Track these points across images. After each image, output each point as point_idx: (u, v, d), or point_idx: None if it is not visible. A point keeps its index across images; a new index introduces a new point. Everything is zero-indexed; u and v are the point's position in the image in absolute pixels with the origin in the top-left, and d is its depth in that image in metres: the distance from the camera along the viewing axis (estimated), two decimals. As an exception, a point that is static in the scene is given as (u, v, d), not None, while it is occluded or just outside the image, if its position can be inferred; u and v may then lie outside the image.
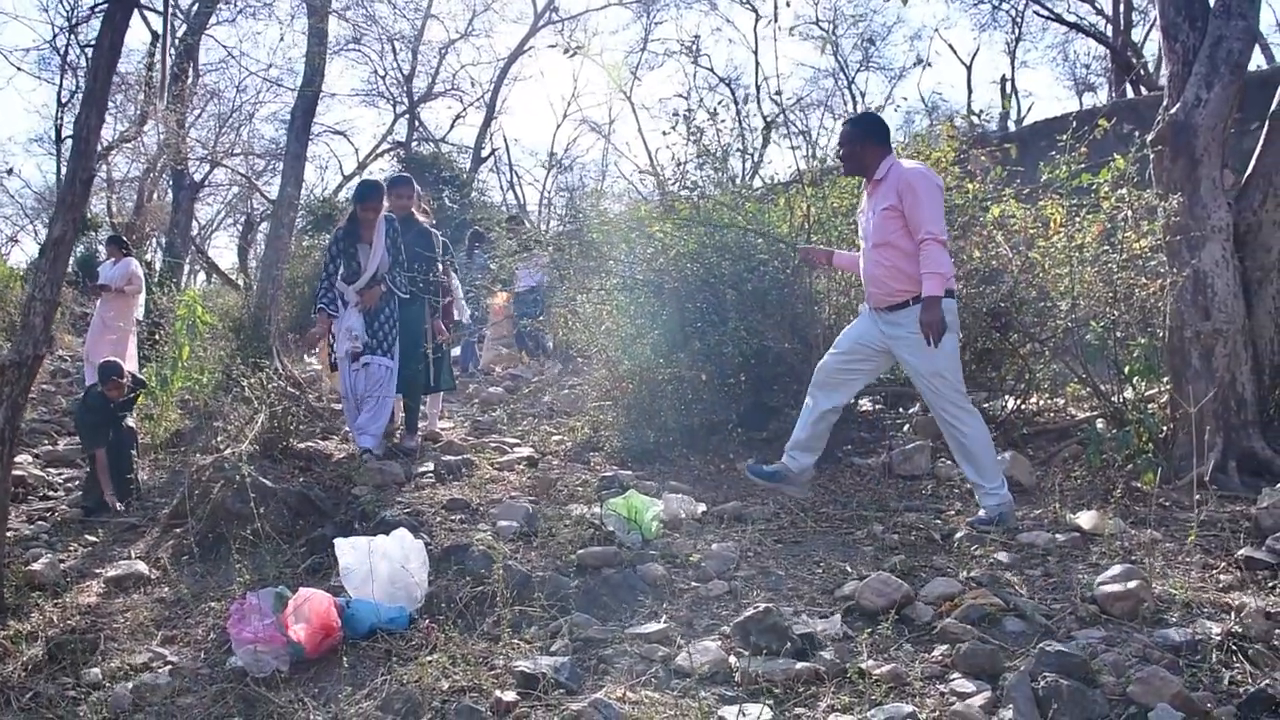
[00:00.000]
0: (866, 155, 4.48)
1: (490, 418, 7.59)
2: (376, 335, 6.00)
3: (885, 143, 4.52)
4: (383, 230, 6.04)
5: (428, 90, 24.37)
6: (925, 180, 4.30)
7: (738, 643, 2.98)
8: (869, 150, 4.47)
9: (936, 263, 4.23)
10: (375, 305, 6.00)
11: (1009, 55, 25.69)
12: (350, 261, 6.01)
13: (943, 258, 4.24)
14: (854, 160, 4.55)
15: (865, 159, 4.49)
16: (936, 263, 4.23)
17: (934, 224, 4.24)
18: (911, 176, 4.31)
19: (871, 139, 4.49)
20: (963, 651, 2.82)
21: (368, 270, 5.97)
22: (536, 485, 5.17)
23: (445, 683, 2.85)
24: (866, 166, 4.50)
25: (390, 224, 6.14)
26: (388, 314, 6.07)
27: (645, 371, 6.29)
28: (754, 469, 4.73)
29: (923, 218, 4.25)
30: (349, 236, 6.05)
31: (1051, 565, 3.61)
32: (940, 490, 4.93)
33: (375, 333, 6.01)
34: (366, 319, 6.01)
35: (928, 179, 4.31)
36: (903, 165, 4.40)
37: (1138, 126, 6.34)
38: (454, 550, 3.91)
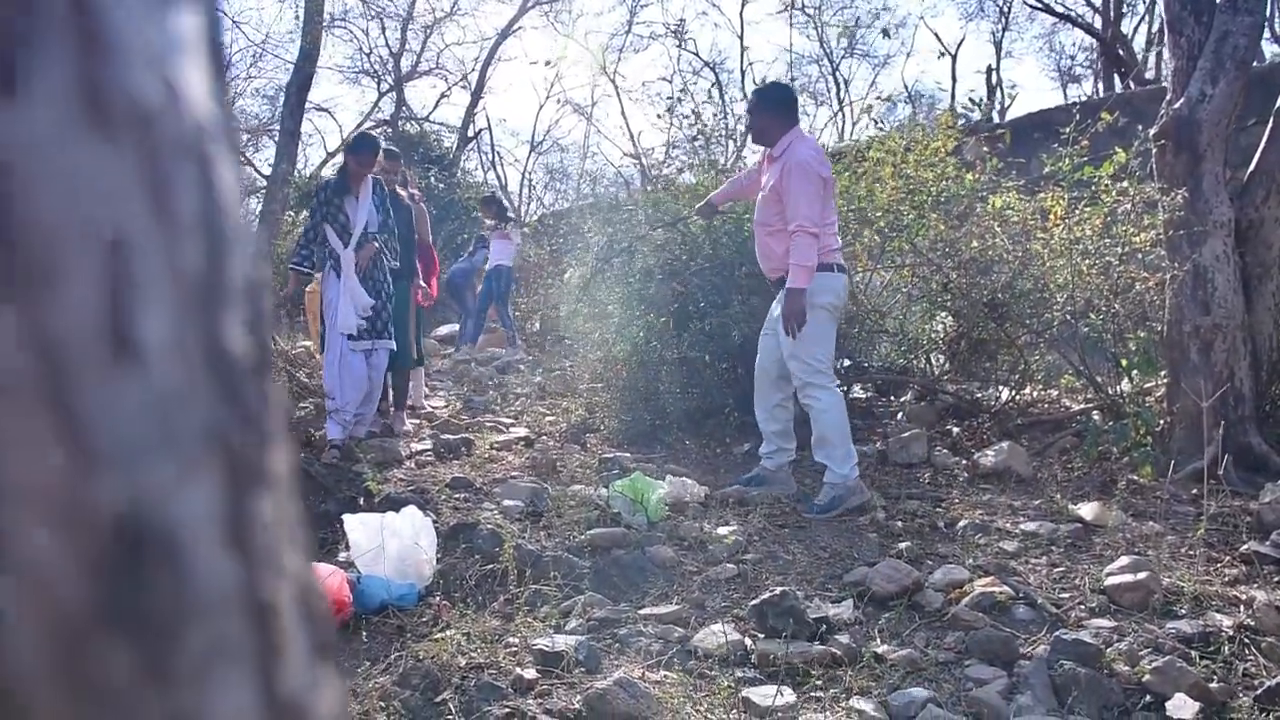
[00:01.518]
0: (770, 128, 4.52)
1: (483, 398, 7.56)
2: (381, 316, 5.66)
3: (788, 117, 4.57)
4: (369, 187, 5.70)
5: (413, 68, 24.16)
6: (804, 170, 4.33)
7: (754, 625, 3.00)
8: (773, 123, 4.52)
9: (803, 255, 4.30)
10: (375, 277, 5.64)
11: (994, 45, 25.77)
12: (337, 215, 5.61)
13: (810, 250, 4.30)
14: (759, 131, 4.61)
15: (770, 131, 4.53)
16: (803, 255, 4.30)
17: (805, 214, 4.28)
18: (794, 163, 4.35)
19: (774, 111, 4.53)
20: (977, 638, 2.85)
21: (356, 226, 5.59)
22: (537, 465, 5.16)
23: (462, 659, 2.85)
24: (770, 139, 4.54)
25: (380, 186, 5.87)
26: (389, 291, 5.77)
27: (642, 354, 6.28)
28: (737, 482, 4.76)
29: (796, 207, 4.30)
30: (336, 187, 5.69)
31: (1056, 555, 3.65)
32: (939, 478, 4.96)
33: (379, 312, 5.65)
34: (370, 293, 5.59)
35: (807, 169, 4.34)
36: (796, 149, 4.43)
37: (1133, 120, 6.39)
38: (461, 528, 3.90)
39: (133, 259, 0.26)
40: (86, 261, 0.25)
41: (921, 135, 6.98)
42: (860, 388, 6.97)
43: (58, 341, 0.24)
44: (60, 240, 0.24)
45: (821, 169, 4.40)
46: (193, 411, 0.27)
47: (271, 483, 0.30)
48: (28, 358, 0.23)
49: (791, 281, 4.33)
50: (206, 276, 0.28)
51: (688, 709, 2.49)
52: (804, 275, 4.31)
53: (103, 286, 0.25)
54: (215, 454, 0.28)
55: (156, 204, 0.27)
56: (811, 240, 4.29)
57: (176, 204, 0.28)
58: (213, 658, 0.27)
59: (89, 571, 0.24)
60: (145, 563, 0.25)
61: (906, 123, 10.16)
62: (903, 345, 6.63)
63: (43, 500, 0.24)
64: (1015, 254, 5.88)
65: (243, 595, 0.28)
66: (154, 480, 0.26)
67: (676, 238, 6.41)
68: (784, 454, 4.75)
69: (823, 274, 4.40)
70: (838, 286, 4.48)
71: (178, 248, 0.28)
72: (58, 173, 0.24)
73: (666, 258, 6.34)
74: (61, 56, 0.25)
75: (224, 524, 0.28)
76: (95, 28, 0.26)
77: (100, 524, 0.24)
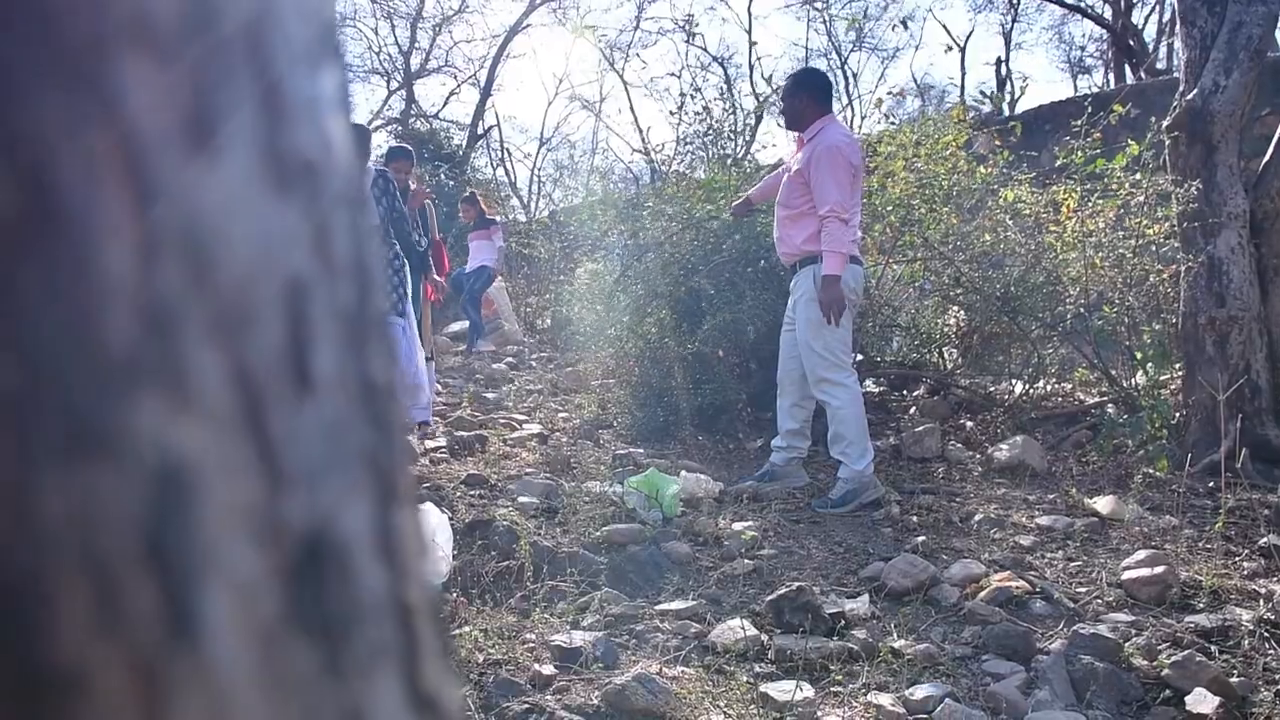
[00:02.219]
0: (804, 113, 4.50)
1: (496, 394, 7.58)
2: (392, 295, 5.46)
3: (822, 103, 4.54)
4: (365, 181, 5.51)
5: (422, 66, 24.19)
6: (834, 154, 4.30)
7: (770, 621, 3.00)
8: (806, 107, 4.50)
9: (837, 240, 4.27)
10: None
11: (1004, 37, 25.66)
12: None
13: (843, 235, 4.27)
14: (793, 115, 4.59)
15: (803, 116, 4.51)
16: (837, 240, 4.27)
17: (838, 199, 4.25)
18: (823, 147, 4.33)
19: (808, 96, 4.52)
20: (994, 633, 2.85)
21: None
22: (551, 462, 5.17)
23: (480, 656, 2.86)
24: (802, 124, 4.53)
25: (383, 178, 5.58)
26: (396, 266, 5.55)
27: (656, 350, 6.29)
28: (749, 478, 4.76)
29: (826, 192, 4.26)
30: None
31: (1072, 549, 3.65)
32: (953, 473, 4.96)
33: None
34: None
35: (837, 154, 4.31)
36: (827, 133, 4.40)
37: (1145, 111, 6.37)
38: (477, 525, 3.91)
39: (307, 301, 0.29)
40: (273, 305, 0.28)
41: (932, 129, 6.97)
42: (873, 382, 6.97)
43: (254, 377, 0.27)
44: (252, 287, 0.27)
45: (852, 156, 4.36)
46: (353, 436, 0.31)
47: (406, 498, 0.33)
48: (233, 392, 0.27)
49: (826, 268, 4.28)
50: (358, 313, 0.32)
51: (706, 704, 2.50)
52: (838, 261, 4.26)
53: (286, 327, 0.28)
54: (370, 474, 0.31)
55: (320, 250, 0.30)
56: (843, 226, 4.25)
57: (335, 249, 0.31)
58: (375, 656, 0.30)
59: (281, 580, 0.27)
60: (325, 572, 0.29)
61: (918, 116, 10.15)
62: (915, 339, 6.62)
63: (245, 517, 0.27)
64: (1027, 247, 5.86)
65: (392, 600, 0.32)
66: (329, 499, 0.29)
67: (693, 234, 6.41)
68: (795, 451, 4.75)
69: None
70: (852, 277, 4.46)
71: (337, 288, 0.31)
72: (248, 227, 0.27)
73: (680, 254, 6.34)
74: (251, 120, 0.28)
75: (377, 537, 0.31)
76: (276, 90, 0.29)
77: (290, 538, 0.28)
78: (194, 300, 0.26)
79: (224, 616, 0.25)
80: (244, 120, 0.28)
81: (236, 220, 0.27)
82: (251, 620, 0.26)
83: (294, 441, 0.28)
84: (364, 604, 0.30)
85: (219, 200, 0.27)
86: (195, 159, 0.26)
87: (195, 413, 0.25)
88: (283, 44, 0.30)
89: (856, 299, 4.66)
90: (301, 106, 0.30)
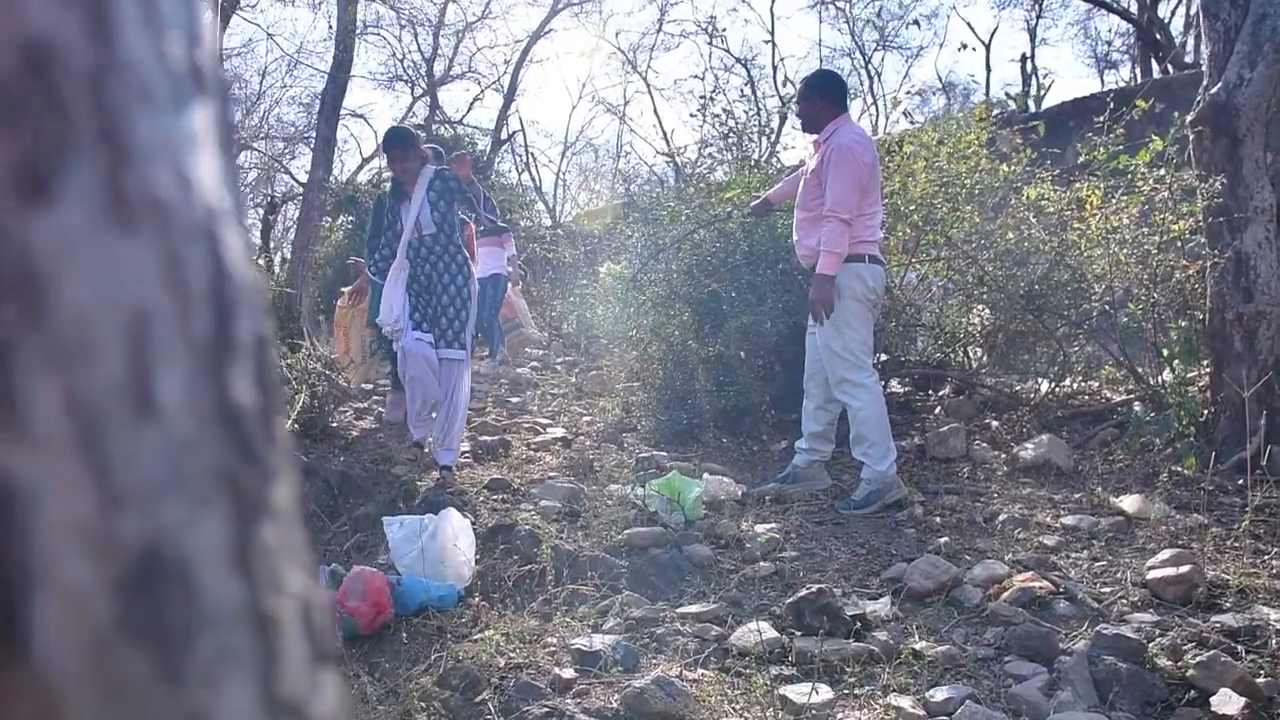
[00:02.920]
0: (818, 115, 4.51)
1: (520, 399, 7.61)
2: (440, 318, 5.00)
3: (836, 104, 4.54)
4: (423, 184, 4.99)
5: (445, 73, 24.34)
6: (845, 155, 4.31)
7: (791, 623, 3.00)
8: (820, 109, 4.51)
9: (834, 241, 4.29)
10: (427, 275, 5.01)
11: (1028, 33, 25.46)
12: (394, 222, 5.12)
13: (839, 236, 4.29)
14: (808, 119, 4.59)
15: (818, 118, 4.52)
16: (834, 241, 4.29)
17: (841, 200, 4.27)
18: (835, 147, 4.35)
19: (822, 98, 4.53)
20: (1016, 633, 2.83)
21: (406, 229, 5.00)
22: (574, 466, 5.19)
23: (501, 660, 2.88)
24: (817, 126, 4.54)
25: (441, 178, 5.04)
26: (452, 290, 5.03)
27: (679, 353, 6.30)
28: (772, 481, 4.75)
29: (833, 192, 4.29)
30: (392, 190, 5.29)
31: (1097, 549, 3.61)
32: (977, 473, 4.92)
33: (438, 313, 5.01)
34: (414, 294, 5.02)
35: (848, 154, 4.32)
36: (842, 134, 4.41)
37: (1170, 106, 6.30)
38: (500, 530, 3.94)
39: (152, 330, 0.31)
40: (114, 336, 0.29)
41: (954, 128, 6.93)
42: (898, 382, 6.93)
43: (91, 403, 0.29)
44: (92, 320, 0.29)
45: (864, 155, 4.36)
46: (203, 457, 0.32)
47: (274, 513, 0.34)
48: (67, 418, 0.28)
49: (821, 267, 4.33)
50: (216, 340, 0.33)
51: (725, 707, 2.50)
52: (832, 261, 4.30)
53: (128, 355, 0.30)
54: (223, 492, 0.32)
55: (172, 282, 0.32)
56: (842, 227, 4.28)
57: (189, 280, 0.32)
58: (220, 663, 0.31)
59: (115, 591, 0.28)
60: (162, 584, 0.30)
61: (942, 115, 10.09)
62: (939, 339, 6.58)
63: (79, 533, 0.28)
64: (1051, 245, 5.82)
65: (246, 610, 0.33)
66: (171, 515, 0.30)
67: (713, 235, 6.41)
68: (817, 454, 4.75)
69: (853, 264, 4.38)
70: (868, 277, 4.45)
71: (191, 317, 0.32)
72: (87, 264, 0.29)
73: (701, 255, 6.34)
74: (90, 162, 0.30)
75: (230, 550, 0.32)
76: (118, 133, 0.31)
77: (125, 552, 0.29)
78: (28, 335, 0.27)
79: (54, 625, 0.27)
80: (83, 165, 0.29)
81: (75, 259, 0.29)
82: (83, 629, 0.27)
83: (133, 463, 0.29)
84: (209, 614, 0.31)
85: (54, 241, 0.28)
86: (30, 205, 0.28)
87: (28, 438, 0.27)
88: (130, 89, 0.31)
89: (876, 299, 4.64)
90: (152, 147, 0.31)
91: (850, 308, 4.40)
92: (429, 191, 4.99)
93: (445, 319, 4.98)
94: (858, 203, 4.35)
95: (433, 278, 5.03)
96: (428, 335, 4.98)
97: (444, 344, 4.97)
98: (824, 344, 4.51)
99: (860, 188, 4.35)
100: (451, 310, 5.00)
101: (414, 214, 4.96)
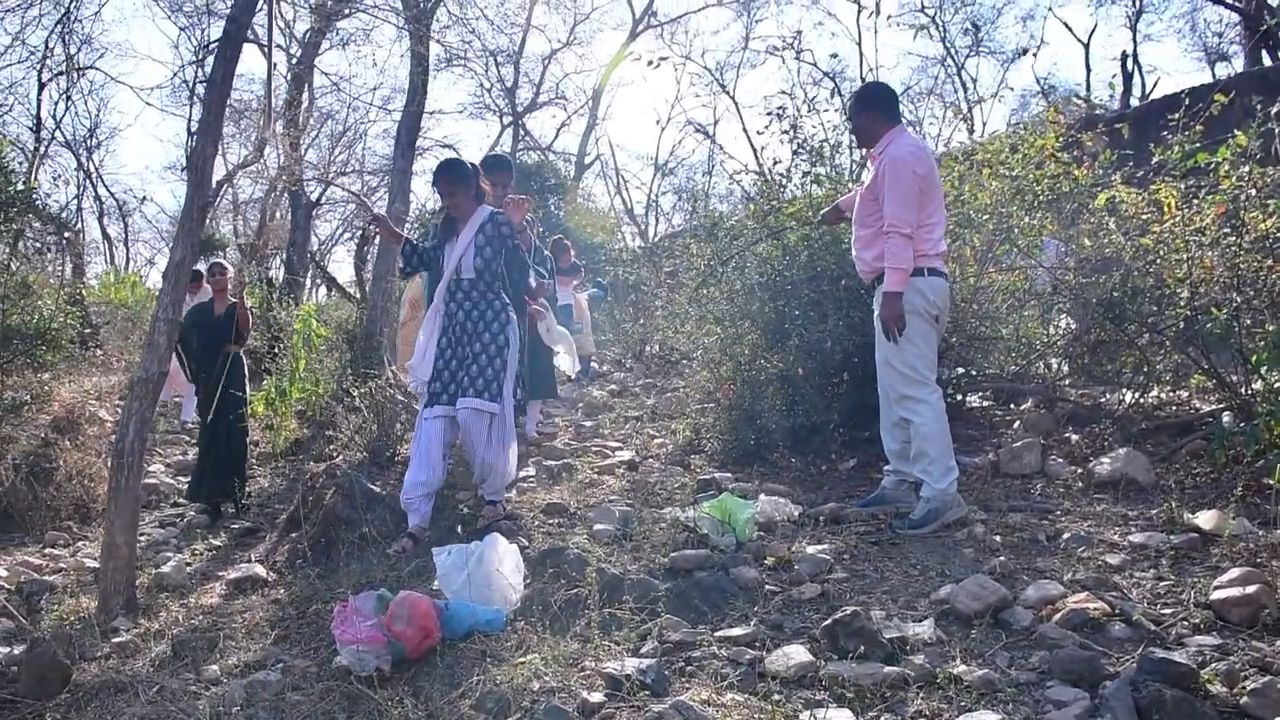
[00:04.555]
0: (871, 128, 4.44)
1: (594, 422, 7.66)
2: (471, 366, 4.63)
3: (888, 116, 4.46)
4: (475, 223, 4.73)
5: (532, 100, 24.82)
6: (898, 167, 4.22)
7: (826, 646, 2.94)
8: (872, 122, 4.43)
9: (897, 256, 4.20)
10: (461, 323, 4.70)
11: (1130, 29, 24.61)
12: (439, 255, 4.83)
13: (903, 252, 4.20)
14: (862, 133, 4.53)
15: (870, 131, 4.45)
16: (897, 256, 4.20)
17: (899, 214, 4.18)
18: (888, 160, 4.26)
19: (873, 111, 4.45)
20: (1059, 657, 2.72)
21: (448, 266, 4.73)
22: (635, 488, 5.19)
23: (536, 683, 2.90)
24: (870, 139, 4.47)
25: (493, 222, 4.75)
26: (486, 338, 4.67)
27: (746, 372, 6.26)
28: (858, 505, 4.66)
29: (890, 206, 4.20)
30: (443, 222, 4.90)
31: (1165, 568, 3.44)
32: (1050, 490, 4.75)
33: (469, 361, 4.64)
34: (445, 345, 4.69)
35: (900, 166, 4.22)
36: (895, 145, 4.32)
37: (1267, 98, 6.00)
38: (550, 554, 3.97)
39: None
40: None
41: (1028, 133, 6.74)
42: (979, 397, 6.75)
43: None
44: None
45: (918, 166, 4.27)
46: None
47: None
48: None
49: (886, 285, 4.26)
50: None
51: (746, 733, 2.46)
52: (899, 278, 4.22)
53: None
54: None
55: None
56: (904, 241, 4.20)
57: None
58: None
59: None
60: None
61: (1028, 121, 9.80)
62: (1018, 351, 6.39)
63: None
64: (1129, 249, 5.59)
65: None
66: None
67: (777, 250, 6.36)
68: (904, 474, 4.62)
69: (912, 277, 4.29)
70: (929, 290, 4.34)
71: None
72: None
73: (767, 271, 6.30)
74: None
75: None
76: None
77: None
78: None
79: None
80: None
81: None
82: None
83: None
84: None
85: None
86: None
87: None
88: None
89: (940, 312, 4.52)
90: None
91: (911, 322, 4.31)
92: (478, 234, 4.71)
93: (476, 367, 4.62)
94: (917, 215, 4.26)
95: (466, 326, 4.70)
96: (446, 409, 4.63)
97: (472, 393, 4.58)
98: (884, 360, 4.45)
99: (917, 199, 4.26)
100: (484, 358, 4.64)
101: (457, 255, 4.70)
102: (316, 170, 16.06)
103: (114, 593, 4.35)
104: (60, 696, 3.52)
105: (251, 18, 4.97)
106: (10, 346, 7.45)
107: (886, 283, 4.25)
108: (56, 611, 4.50)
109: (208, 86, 4.94)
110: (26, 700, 3.50)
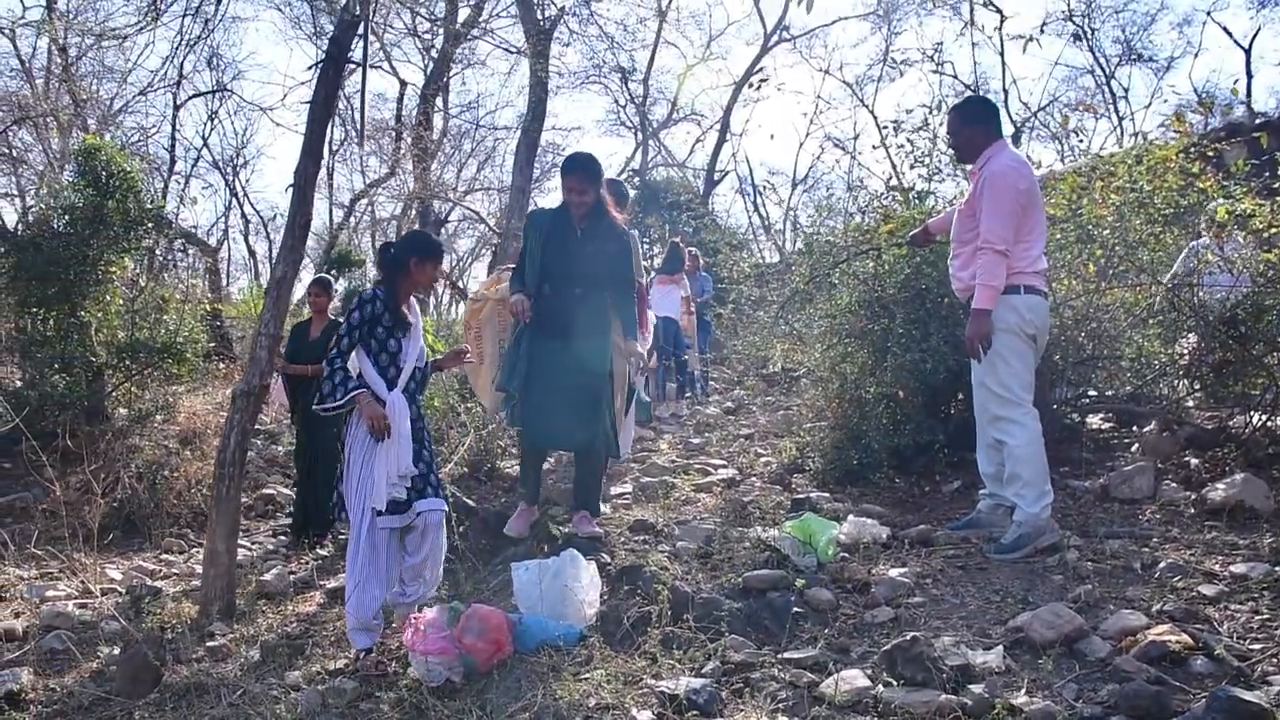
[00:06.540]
0: (971, 144, 4.36)
1: (702, 439, 7.69)
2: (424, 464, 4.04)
3: (989, 131, 4.36)
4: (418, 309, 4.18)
5: (667, 117, 25.10)
6: (997, 183, 4.13)
7: (885, 671, 2.90)
8: (973, 138, 4.35)
9: (989, 273, 4.10)
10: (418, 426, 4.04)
11: (1296, 30, 23.07)
12: (385, 340, 3.96)
13: (996, 269, 4.10)
14: (960, 149, 4.46)
15: (970, 147, 4.38)
16: (989, 273, 4.10)
17: (994, 230, 4.09)
18: (988, 176, 4.17)
19: (973, 126, 4.37)
20: (1125, 691, 2.61)
21: (407, 360, 4.00)
22: (729, 506, 5.21)
23: (592, 699, 2.96)
24: (970, 155, 4.39)
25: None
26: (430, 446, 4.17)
27: (853, 391, 6.19)
28: (950, 528, 4.56)
29: (986, 222, 4.11)
30: (387, 301, 3.99)
31: (1264, 601, 3.25)
32: (1160, 515, 4.53)
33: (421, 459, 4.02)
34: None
35: (999, 182, 4.13)
36: (996, 161, 4.23)
37: None
38: (628, 571, 4.03)
39: None
40: None
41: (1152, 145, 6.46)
42: (1100, 418, 6.49)
43: None
44: None
45: (1018, 182, 4.19)
46: None
47: None
48: None
49: (976, 301, 4.18)
50: None
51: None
52: (988, 295, 4.14)
53: None
54: None
55: None
56: (998, 259, 4.12)
57: None
58: None
59: None
60: None
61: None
62: (1136, 371, 6.11)
63: None
64: (1253, 265, 5.29)
65: None
66: None
67: (882, 268, 6.28)
68: (1000, 498, 4.50)
69: (1008, 295, 4.19)
70: (1024, 308, 4.22)
71: None
72: None
73: (867, 290, 6.23)
74: None
75: None
76: None
77: None
78: None
79: None
80: None
81: None
82: None
83: None
84: None
85: None
86: None
87: None
88: None
89: (1037, 332, 4.38)
90: None
91: (1005, 341, 4.21)
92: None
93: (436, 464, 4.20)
94: (1013, 232, 4.17)
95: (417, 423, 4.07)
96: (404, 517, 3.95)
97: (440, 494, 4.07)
98: (978, 380, 4.35)
99: (1015, 216, 4.16)
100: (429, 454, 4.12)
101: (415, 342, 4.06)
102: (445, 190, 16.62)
103: (214, 598, 4.61)
104: (149, 696, 3.77)
105: (352, 40, 5.10)
106: (139, 359, 7.93)
107: (977, 299, 4.17)
108: (159, 615, 4.77)
109: (310, 107, 5.00)
110: (119, 699, 3.77)
